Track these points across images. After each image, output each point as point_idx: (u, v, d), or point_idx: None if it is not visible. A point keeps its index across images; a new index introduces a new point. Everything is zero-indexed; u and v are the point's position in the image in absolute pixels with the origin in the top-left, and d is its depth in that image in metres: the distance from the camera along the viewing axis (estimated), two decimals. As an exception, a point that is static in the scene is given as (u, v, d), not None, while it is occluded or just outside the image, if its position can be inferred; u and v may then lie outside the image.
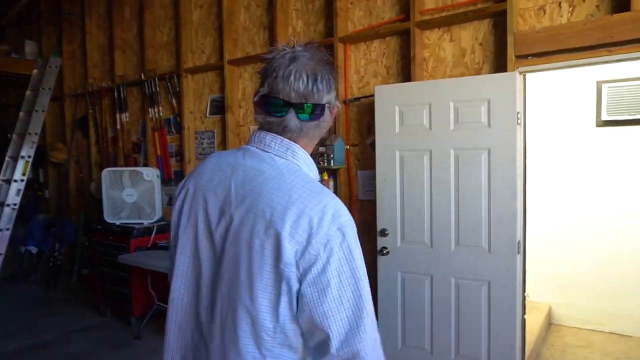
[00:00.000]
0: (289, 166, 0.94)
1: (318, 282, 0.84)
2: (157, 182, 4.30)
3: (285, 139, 0.96)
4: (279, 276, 0.85)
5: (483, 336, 2.57)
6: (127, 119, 5.00)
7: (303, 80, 0.92)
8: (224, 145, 4.10)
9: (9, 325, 4.16)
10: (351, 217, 0.92)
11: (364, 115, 3.25)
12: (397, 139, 2.83)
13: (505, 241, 2.51)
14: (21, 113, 5.47)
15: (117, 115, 5.01)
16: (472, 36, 2.86)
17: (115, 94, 4.99)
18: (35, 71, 5.61)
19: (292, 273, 0.84)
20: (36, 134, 5.40)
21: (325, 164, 3.24)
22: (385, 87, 2.92)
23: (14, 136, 5.43)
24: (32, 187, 5.87)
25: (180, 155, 4.49)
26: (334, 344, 0.83)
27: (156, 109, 4.62)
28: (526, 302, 2.73)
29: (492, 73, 2.75)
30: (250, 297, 0.86)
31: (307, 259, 0.84)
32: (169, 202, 4.58)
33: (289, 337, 0.88)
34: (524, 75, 2.68)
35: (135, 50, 4.90)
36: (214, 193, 0.96)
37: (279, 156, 0.95)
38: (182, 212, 1.02)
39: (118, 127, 5.02)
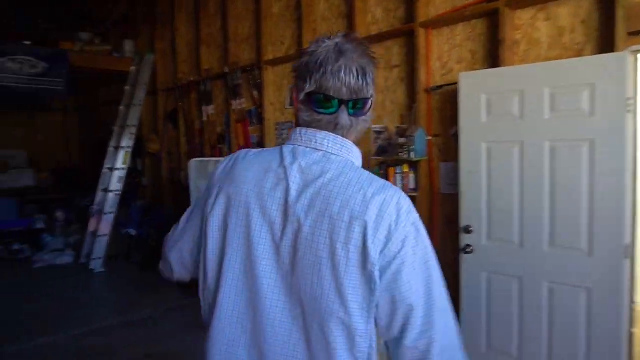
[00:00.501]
0: (347, 163, 0.91)
1: (399, 278, 0.84)
2: (239, 173, 4.45)
3: (338, 137, 0.93)
4: (367, 278, 0.84)
5: (580, 348, 2.32)
6: (213, 112, 5.23)
7: (354, 75, 0.88)
8: (302, 136, 4.11)
9: (112, 302, 4.61)
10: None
11: (446, 103, 3.07)
12: (483, 130, 2.63)
13: (610, 244, 2.23)
14: (121, 107, 5.98)
15: (203, 108, 5.27)
16: (572, 13, 2.55)
17: (202, 87, 5.24)
18: (132, 68, 6.09)
19: (376, 271, 0.84)
20: (134, 126, 5.88)
21: (406, 156, 3.11)
22: (471, 73, 2.72)
23: (116, 128, 5.97)
24: (131, 175, 6.41)
25: (261, 145, 4.60)
26: (411, 337, 0.84)
27: (239, 101, 4.77)
28: (635, 312, 2.42)
29: (596, 54, 2.43)
30: (342, 303, 0.84)
31: (387, 255, 0.84)
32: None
33: (374, 336, 0.88)
34: (637, 55, 2.33)
35: (219, 44, 5.08)
36: (270, 198, 0.90)
37: (334, 154, 0.92)
38: (228, 223, 0.93)
39: (204, 119, 5.28)
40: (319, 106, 0.91)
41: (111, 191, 5.68)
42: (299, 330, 0.88)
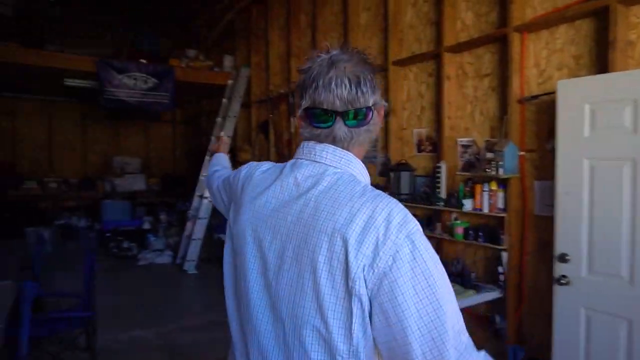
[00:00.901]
0: (343, 175, 0.88)
1: (392, 298, 0.76)
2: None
3: (338, 148, 0.90)
4: (349, 294, 0.79)
5: None
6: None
7: (345, 86, 0.86)
8: (386, 150, 3.99)
9: (200, 303, 4.85)
10: (417, 222, 0.82)
11: (542, 115, 2.75)
12: (585, 145, 2.29)
13: None
14: (218, 118, 6.36)
15: (292, 119, 5.38)
16: None
17: (290, 99, 5.36)
18: (230, 81, 6.45)
19: (362, 289, 0.78)
20: (229, 136, 6.18)
21: (493, 172, 2.85)
22: (572, 81, 2.40)
23: (212, 138, 6.34)
24: (225, 183, 6.75)
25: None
26: None
27: (324, 113, 4.78)
28: None
29: None
30: (321, 318, 0.81)
31: (377, 273, 0.77)
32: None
33: (362, 358, 0.82)
34: None
35: (308, 56, 5.16)
36: (260, 210, 0.92)
37: (332, 166, 0.90)
38: (234, 241, 0.99)
39: (292, 130, 5.39)
40: (316, 120, 0.89)
41: (205, 197, 6.03)
42: (281, 344, 0.86)
